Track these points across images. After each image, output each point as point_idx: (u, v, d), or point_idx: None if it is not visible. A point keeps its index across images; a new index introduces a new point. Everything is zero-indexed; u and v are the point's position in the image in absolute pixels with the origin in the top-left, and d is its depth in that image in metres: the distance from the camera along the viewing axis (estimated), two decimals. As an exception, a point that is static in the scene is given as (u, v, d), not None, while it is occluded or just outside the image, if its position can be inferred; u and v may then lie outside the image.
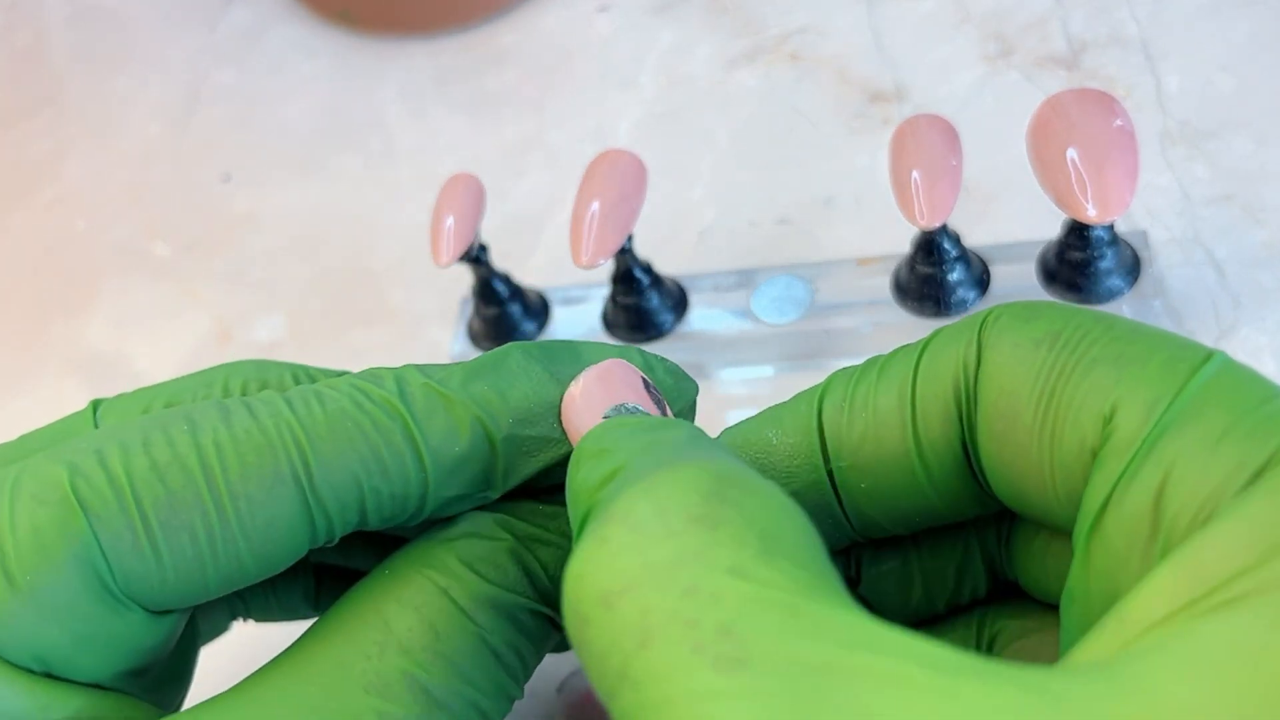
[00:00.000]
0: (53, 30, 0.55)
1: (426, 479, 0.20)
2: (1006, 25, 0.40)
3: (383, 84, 0.47)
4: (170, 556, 0.19)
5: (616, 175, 0.31)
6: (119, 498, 0.19)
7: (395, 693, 0.19)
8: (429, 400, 0.20)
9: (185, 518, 0.19)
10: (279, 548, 0.20)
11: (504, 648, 0.20)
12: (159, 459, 0.19)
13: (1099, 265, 0.29)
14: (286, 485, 0.19)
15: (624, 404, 0.20)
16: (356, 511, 0.20)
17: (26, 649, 0.19)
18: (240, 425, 0.19)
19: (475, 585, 0.20)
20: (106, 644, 0.19)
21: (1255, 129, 0.35)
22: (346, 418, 0.20)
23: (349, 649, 0.19)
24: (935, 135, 0.29)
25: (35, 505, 0.19)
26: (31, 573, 0.18)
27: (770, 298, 0.34)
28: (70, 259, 0.46)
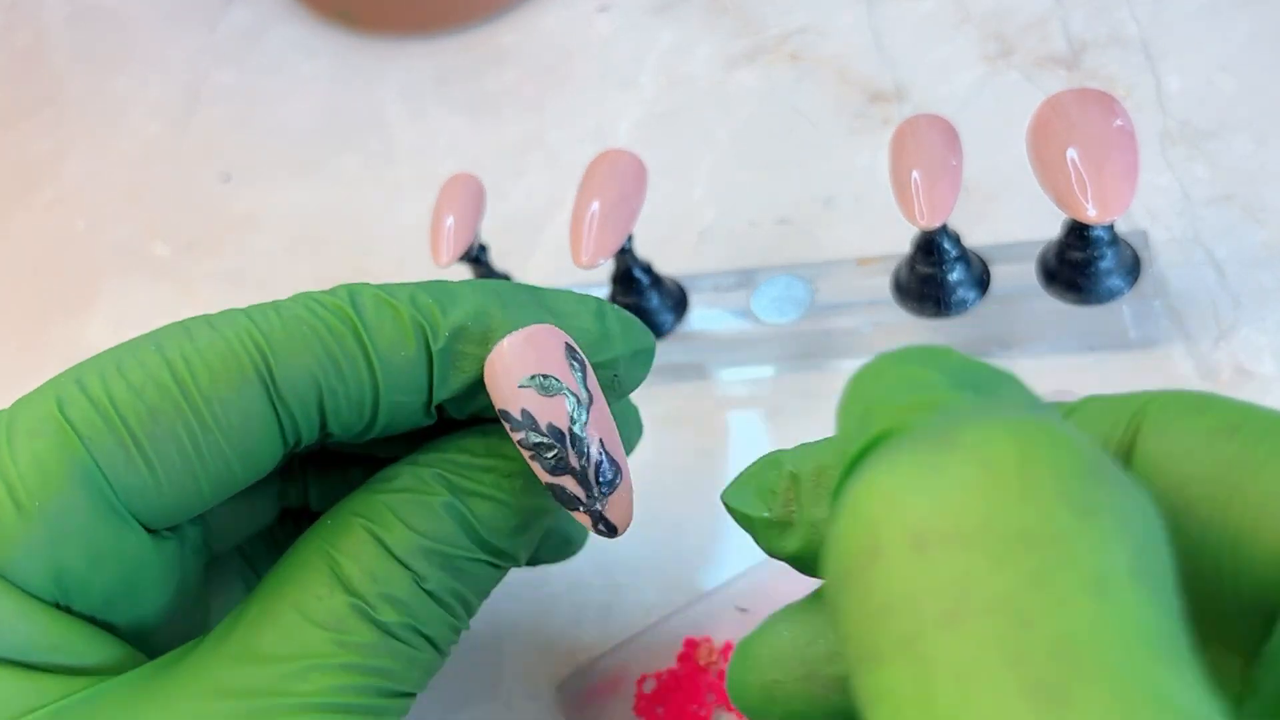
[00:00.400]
0: (53, 30, 0.55)
1: (377, 381, 0.21)
2: (1007, 25, 0.40)
3: (383, 84, 0.47)
4: (161, 465, 0.20)
5: (616, 175, 0.31)
6: (105, 420, 0.20)
7: (348, 625, 0.21)
8: (378, 308, 0.22)
9: (168, 427, 0.20)
10: (257, 446, 0.21)
11: (440, 591, 0.22)
12: (134, 380, 0.20)
13: (1099, 265, 0.29)
14: (252, 385, 0.21)
15: (539, 374, 0.21)
16: (317, 411, 0.21)
17: (44, 571, 0.20)
18: (203, 338, 0.21)
19: (406, 536, 0.22)
20: (116, 563, 0.21)
21: (1255, 129, 0.35)
22: (302, 323, 0.21)
23: (302, 593, 0.21)
24: (935, 135, 0.29)
25: (32, 438, 0.20)
26: (39, 498, 0.20)
27: (770, 298, 0.34)
28: (70, 259, 0.46)
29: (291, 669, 0.20)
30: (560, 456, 0.22)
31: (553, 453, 0.21)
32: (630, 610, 0.31)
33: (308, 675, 0.20)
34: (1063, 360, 0.32)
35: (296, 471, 0.27)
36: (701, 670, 0.29)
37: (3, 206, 0.49)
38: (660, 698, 0.29)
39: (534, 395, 0.21)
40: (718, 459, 0.33)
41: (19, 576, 0.20)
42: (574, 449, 0.22)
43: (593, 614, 0.31)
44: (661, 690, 0.29)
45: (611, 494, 0.22)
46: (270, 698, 0.20)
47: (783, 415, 0.33)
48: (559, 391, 0.21)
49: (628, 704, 0.29)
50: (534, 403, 0.21)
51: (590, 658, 0.30)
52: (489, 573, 0.23)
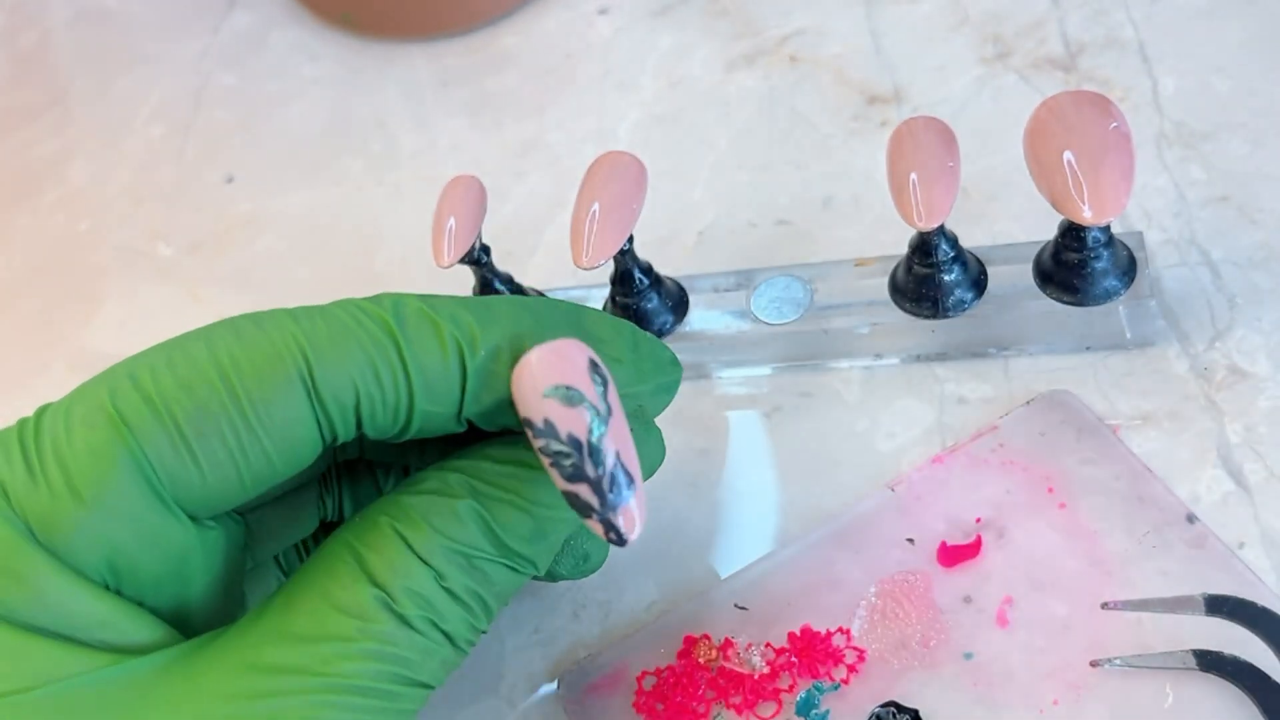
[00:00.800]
0: (57, 33, 0.55)
1: (412, 391, 0.23)
2: (1004, 28, 0.40)
3: (384, 87, 0.47)
4: (206, 460, 0.22)
5: (617, 177, 0.31)
6: (154, 413, 0.22)
7: (371, 614, 0.22)
8: (419, 321, 0.23)
9: (214, 425, 0.22)
10: (297, 444, 0.22)
11: (461, 591, 0.23)
12: (183, 375, 0.22)
13: (1095, 266, 0.30)
14: (295, 386, 0.22)
15: (563, 384, 0.22)
16: (354, 415, 0.23)
17: (99, 554, 0.22)
18: (250, 338, 0.22)
19: (428, 536, 0.23)
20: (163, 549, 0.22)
21: (1251, 130, 0.35)
22: (345, 330, 0.22)
23: (330, 583, 0.22)
24: (933, 137, 0.29)
25: (87, 429, 0.22)
26: (94, 486, 0.21)
27: (769, 298, 0.34)
28: (74, 260, 0.46)
29: (316, 651, 0.22)
30: (577, 465, 0.22)
31: (570, 460, 0.22)
32: (630, 607, 0.31)
33: (331, 658, 0.22)
34: (1059, 360, 0.32)
35: (334, 484, 0.29)
36: (701, 667, 0.29)
37: (7, 208, 0.49)
38: (660, 694, 0.29)
39: (557, 405, 0.22)
40: (717, 458, 0.34)
41: (74, 558, 0.21)
42: (591, 459, 0.22)
43: (593, 611, 0.32)
44: (661, 686, 0.29)
45: (624, 504, 0.23)
46: (295, 676, 0.21)
47: (781, 415, 0.34)
48: (580, 403, 0.22)
49: (628, 700, 0.29)
50: (556, 412, 0.22)
51: (590, 654, 0.30)
52: (509, 576, 0.24)
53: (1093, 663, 0.27)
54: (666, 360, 0.26)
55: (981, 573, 0.29)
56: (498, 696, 0.31)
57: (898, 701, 0.28)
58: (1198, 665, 0.26)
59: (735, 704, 0.29)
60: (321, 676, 0.21)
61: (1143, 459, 0.30)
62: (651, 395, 0.26)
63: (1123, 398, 0.31)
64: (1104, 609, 0.28)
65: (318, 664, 0.21)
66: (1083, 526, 0.29)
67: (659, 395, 0.26)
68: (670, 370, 0.26)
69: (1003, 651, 0.28)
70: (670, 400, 0.26)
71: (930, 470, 0.31)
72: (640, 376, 0.25)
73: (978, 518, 0.30)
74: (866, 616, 0.29)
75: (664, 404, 0.26)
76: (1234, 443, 0.30)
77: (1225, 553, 0.28)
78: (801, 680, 0.29)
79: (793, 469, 0.33)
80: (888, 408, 0.33)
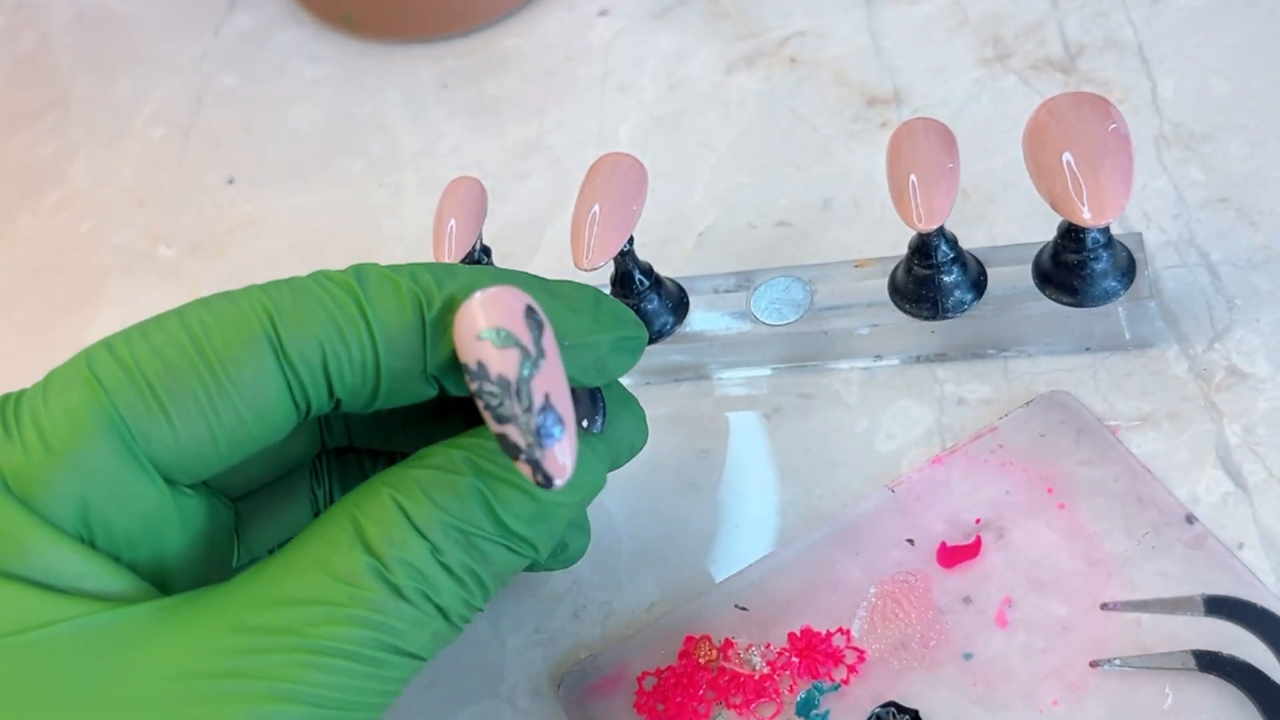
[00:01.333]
0: (57, 34, 0.55)
1: (376, 346, 0.23)
2: (1004, 29, 0.40)
3: (385, 88, 0.48)
4: (179, 416, 0.23)
5: (617, 178, 0.31)
6: (128, 374, 0.22)
7: (362, 580, 0.22)
8: (380, 282, 0.24)
9: (184, 382, 0.23)
10: (269, 404, 0.23)
11: (457, 567, 0.23)
12: (155, 341, 0.23)
13: (1094, 267, 0.30)
14: (260, 345, 0.23)
15: (496, 327, 0.23)
16: (323, 375, 0.23)
17: (70, 507, 0.22)
18: (219, 306, 0.24)
19: (428, 510, 0.23)
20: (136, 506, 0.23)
21: (1250, 132, 0.35)
22: (308, 293, 0.24)
23: (326, 548, 0.23)
24: (933, 138, 0.29)
25: (63, 390, 0.23)
26: (67, 442, 0.22)
27: (769, 299, 0.34)
28: (75, 261, 0.47)
29: (304, 613, 0.22)
30: (504, 404, 0.23)
31: (498, 401, 0.23)
32: (631, 608, 0.31)
33: (316, 620, 0.22)
34: (1058, 361, 0.32)
35: (324, 475, 0.29)
36: (701, 667, 0.29)
37: (8, 209, 0.49)
38: (660, 694, 0.29)
39: (489, 347, 0.23)
40: (717, 459, 0.34)
41: (47, 510, 0.22)
42: (518, 399, 0.23)
43: (594, 611, 0.32)
44: (662, 687, 0.29)
45: (551, 446, 0.23)
46: (279, 635, 0.22)
47: (781, 415, 0.34)
48: (511, 345, 0.23)
49: (628, 700, 0.29)
50: (488, 354, 0.23)
51: (591, 654, 0.30)
52: (507, 557, 0.24)
53: (1092, 663, 0.27)
54: (629, 319, 0.26)
55: (981, 573, 0.29)
56: (498, 696, 0.31)
57: (898, 702, 0.28)
58: (1197, 666, 0.26)
59: (735, 704, 0.29)
60: (305, 638, 0.22)
61: (1142, 460, 0.30)
62: (611, 350, 0.26)
63: (1122, 399, 0.31)
64: (1103, 610, 0.28)
65: (302, 625, 0.22)
66: (1082, 527, 0.29)
67: (620, 352, 0.26)
68: (632, 328, 0.26)
69: (1002, 652, 0.28)
70: (634, 362, 0.27)
71: (930, 471, 0.31)
72: (599, 327, 0.25)
73: (977, 518, 0.30)
74: (866, 617, 0.29)
75: (626, 364, 0.27)
76: (1233, 444, 0.30)
77: (1224, 553, 0.28)
78: (801, 680, 0.29)
79: (793, 470, 0.33)
80: (887, 409, 0.33)
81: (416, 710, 0.31)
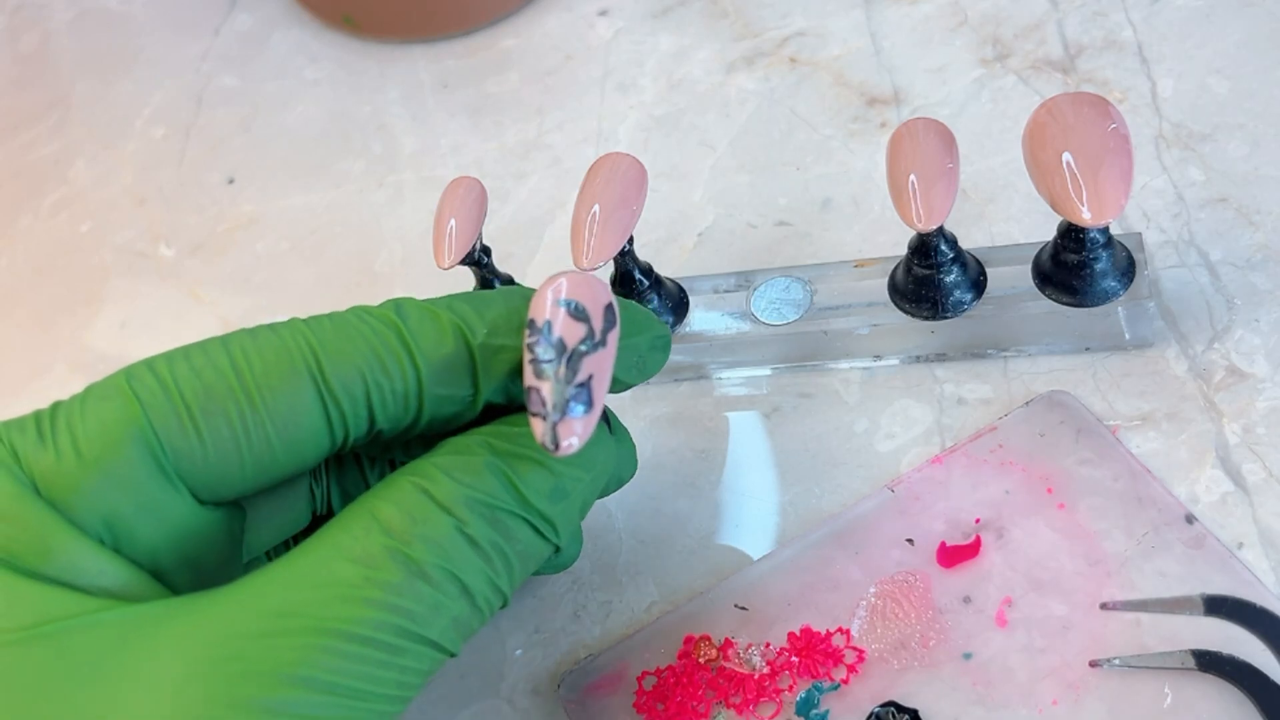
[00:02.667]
0: (58, 34, 0.55)
1: (420, 376, 0.24)
2: (1003, 29, 0.40)
3: (385, 88, 0.48)
4: (210, 436, 0.23)
5: (617, 178, 0.31)
6: (165, 392, 0.23)
7: (379, 563, 0.22)
8: (419, 314, 0.25)
9: (220, 405, 0.23)
10: (301, 434, 0.24)
11: (483, 541, 0.24)
12: (197, 364, 0.24)
13: (1094, 267, 0.30)
14: (302, 378, 0.24)
15: (578, 301, 0.24)
16: (365, 407, 0.24)
17: (97, 514, 0.23)
18: (262, 336, 0.24)
19: (450, 487, 0.24)
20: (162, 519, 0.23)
21: (1249, 132, 0.35)
22: (350, 327, 0.24)
23: (342, 534, 0.23)
24: (932, 138, 0.29)
25: (100, 402, 0.23)
26: (99, 450, 0.23)
27: (769, 299, 0.34)
28: (76, 261, 0.47)
29: (319, 595, 0.22)
30: (550, 364, 0.24)
31: (547, 359, 0.24)
32: (631, 607, 0.31)
33: (330, 602, 0.22)
34: (1058, 361, 0.32)
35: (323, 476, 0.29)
36: (701, 667, 0.29)
37: (9, 209, 0.49)
38: (660, 694, 0.29)
39: (564, 313, 0.24)
40: (717, 459, 0.34)
41: (75, 515, 0.23)
42: (567, 364, 0.24)
43: (594, 611, 0.32)
44: (662, 687, 0.29)
45: (573, 416, 0.24)
46: (292, 618, 0.22)
47: (781, 415, 0.34)
48: (583, 320, 0.24)
49: (628, 700, 0.29)
50: (559, 318, 0.24)
51: (591, 654, 0.31)
52: (531, 537, 0.25)
53: (1092, 663, 0.27)
54: (656, 320, 0.28)
55: (981, 573, 0.29)
56: (498, 696, 0.31)
57: (897, 701, 0.28)
58: (1196, 665, 0.26)
59: (735, 704, 0.29)
60: (319, 620, 0.22)
61: (1141, 459, 0.30)
62: (649, 349, 0.27)
63: (1121, 398, 0.31)
64: (1103, 609, 0.28)
65: (315, 608, 0.22)
66: (1082, 527, 0.29)
67: (655, 351, 0.27)
68: (660, 327, 0.27)
69: (1002, 651, 0.28)
70: (665, 360, 0.28)
71: (929, 471, 0.31)
72: (635, 328, 0.27)
73: (977, 518, 0.30)
74: (866, 616, 0.29)
75: (660, 362, 0.28)
76: (1232, 443, 0.30)
77: (1224, 553, 0.28)
78: (801, 680, 0.29)
79: (792, 469, 0.33)
80: (887, 408, 0.33)
81: (417, 710, 0.31)
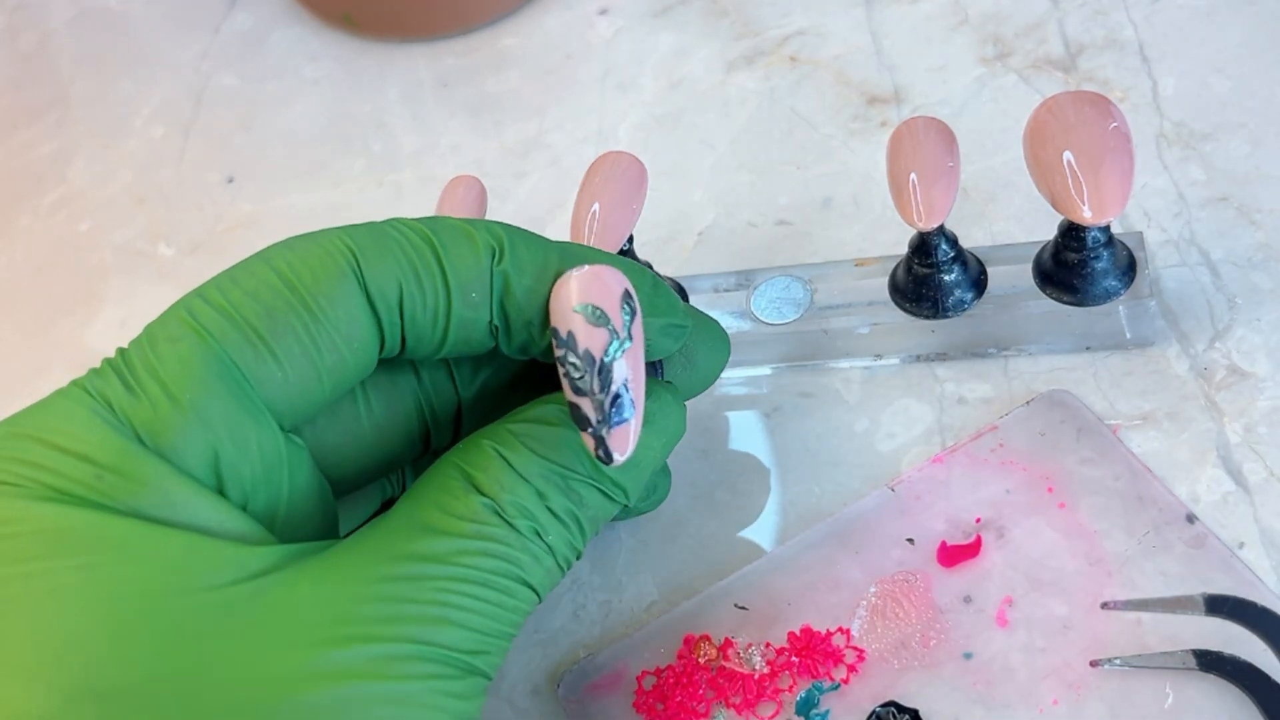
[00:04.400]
0: (57, 33, 0.55)
1: (450, 293, 0.24)
2: (1004, 28, 0.40)
3: (385, 87, 0.48)
4: (284, 355, 0.23)
5: (617, 177, 0.31)
6: (230, 320, 0.23)
7: (484, 518, 0.24)
8: (453, 230, 0.25)
9: (284, 321, 0.23)
10: (361, 336, 0.24)
11: (559, 509, 0.25)
12: (248, 286, 0.24)
13: (1095, 266, 0.30)
14: (349, 280, 0.24)
15: (593, 304, 0.24)
16: (399, 316, 0.24)
17: (202, 455, 0.23)
18: (301, 246, 0.24)
19: (528, 457, 0.25)
20: (258, 452, 0.23)
21: (1250, 131, 0.35)
22: (386, 236, 0.24)
23: (441, 494, 0.24)
24: (933, 137, 0.29)
25: (171, 343, 0.23)
26: (189, 390, 0.23)
27: (769, 298, 0.34)
28: (75, 260, 0.47)
29: (445, 543, 0.23)
30: (585, 379, 0.24)
31: (579, 374, 0.24)
32: (630, 607, 0.31)
33: (456, 551, 0.23)
34: (1059, 360, 0.32)
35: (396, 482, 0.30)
36: (701, 667, 0.29)
37: (9, 208, 0.49)
38: (660, 694, 0.29)
39: (582, 321, 0.24)
40: (716, 459, 0.34)
41: (182, 461, 0.23)
42: (599, 377, 0.24)
43: (593, 611, 0.32)
44: (661, 686, 0.29)
45: (618, 426, 0.24)
46: (428, 564, 0.23)
47: (781, 415, 0.34)
48: (604, 324, 0.24)
49: (628, 700, 0.29)
50: (580, 327, 0.24)
51: (590, 654, 0.30)
52: (601, 501, 0.26)
53: (1092, 663, 0.27)
54: (679, 308, 0.28)
55: (981, 572, 0.29)
56: (498, 696, 0.31)
57: (898, 701, 0.28)
58: (1197, 665, 0.26)
59: (735, 704, 0.29)
60: (451, 565, 0.23)
61: (1142, 459, 0.30)
62: (659, 333, 0.27)
63: (1122, 398, 0.31)
64: (1104, 609, 0.28)
65: (449, 554, 0.23)
66: (1082, 526, 0.29)
67: (665, 338, 0.27)
68: (680, 316, 0.27)
69: (1002, 651, 0.28)
70: (674, 348, 0.28)
71: (930, 470, 0.31)
72: (653, 310, 0.26)
73: (977, 518, 0.30)
74: (866, 616, 0.29)
75: (668, 349, 0.28)
76: (1233, 443, 0.30)
77: (1225, 553, 0.28)
78: (801, 680, 0.29)
79: (793, 469, 0.33)
80: (888, 408, 0.33)
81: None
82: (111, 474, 0.22)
